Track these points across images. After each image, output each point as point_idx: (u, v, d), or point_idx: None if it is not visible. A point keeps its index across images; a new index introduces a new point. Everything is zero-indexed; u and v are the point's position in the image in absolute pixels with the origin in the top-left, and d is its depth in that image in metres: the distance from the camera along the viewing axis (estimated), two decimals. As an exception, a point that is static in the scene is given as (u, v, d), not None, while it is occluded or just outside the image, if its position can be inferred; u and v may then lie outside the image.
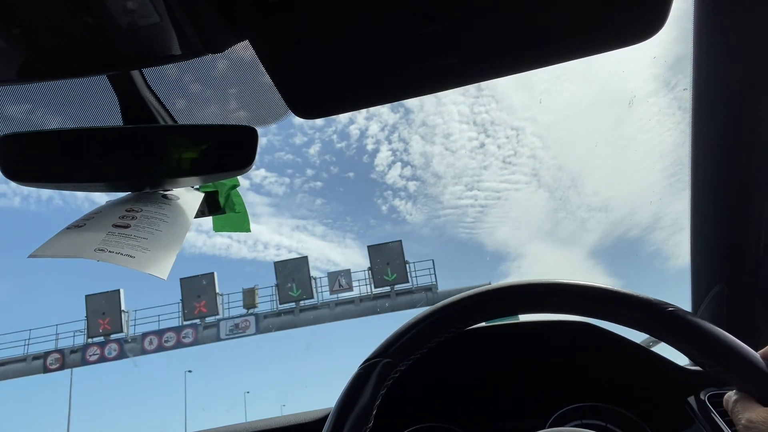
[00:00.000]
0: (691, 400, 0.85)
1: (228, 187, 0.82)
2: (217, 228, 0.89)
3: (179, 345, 16.85)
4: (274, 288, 17.68)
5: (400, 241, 18.45)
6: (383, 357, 0.57)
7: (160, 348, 16.78)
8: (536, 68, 0.55)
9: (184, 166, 0.68)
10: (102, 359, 16.66)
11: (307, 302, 17.50)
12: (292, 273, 17.60)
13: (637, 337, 0.80)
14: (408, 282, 17.56)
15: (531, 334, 0.92)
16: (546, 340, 0.92)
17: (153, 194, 0.72)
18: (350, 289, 17.74)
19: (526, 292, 0.58)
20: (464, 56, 0.53)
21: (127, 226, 0.64)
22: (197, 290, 16.71)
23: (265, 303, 17.57)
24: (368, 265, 17.85)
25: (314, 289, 17.65)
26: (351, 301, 17.62)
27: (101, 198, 0.74)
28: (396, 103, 0.64)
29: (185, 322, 17.12)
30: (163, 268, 0.61)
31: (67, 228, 0.64)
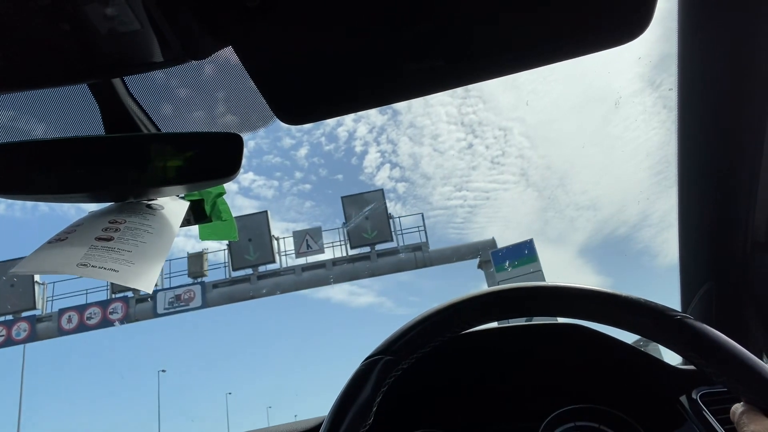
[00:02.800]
0: (683, 399, 0.86)
1: (214, 195, 0.81)
2: (204, 236, 0.88)
3: (105, 323, 14.08)
4: (226, 251, 14.47)
5: (382, 190, 15.24)
6: (385, 354, 0.59)
7: (82, 327, 13.94)
8: (522, 71, 0.56)
9: (168, 175, 0.67)
10: (9, 342, 13.93)
11: (268, 268, 14.38)
12: (249, 232, 14.06)
13: (626, 337, 0.80)
14: (392, 240, 14.40)
15: (521, 337, 0.92)
16: (536, 343, 0.92)
17: (137, 204, 0.71)
18: (321, 251, 14.44)
19: (533, 295, 0.59)
20: (450, 59, 0.53)
21: (110, 239, 0.63)
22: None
23: (219, 271, 14.63)
24: (343, 220, 14.65)
25: (276, 252, 14.35)
26: (322, 264, 14.39)
27: (87, 205, 0.73)
28: (383, 105, 0.63)
29: (115, 295, 14.25)
30: (148, 280, 0.60)
31: (49, 242, 0.63)
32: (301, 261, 14.49)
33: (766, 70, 0.76)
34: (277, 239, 14.44)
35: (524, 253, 13.97)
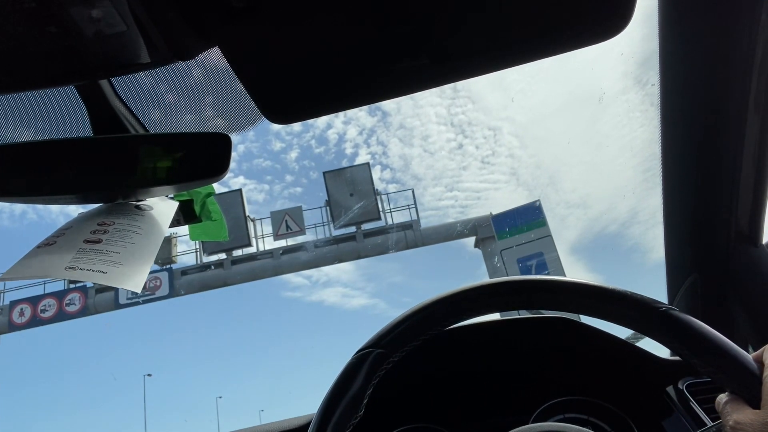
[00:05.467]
0: (670, 390, 0.88)
1: (203, 195, 0.82)
2: (194, 237, 0.89)
3: (62, 316, 12.85)
4: (195, 234, 13.61)
5: (368, 164, 14.03)
6: (376, 347, 0.60)
7: (35, 320, 12.81)
8: (506, 68, 0.57)
9: (156, 176, 0.68)
10: (-46, 339, 12.97)
11: (244, 252, 13.16)
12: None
13: (615, 329, 0.81)
14: (380, 219, 13.13)
15: (509, 330, 0.93)
16: (525, 336, 0.93)
17: (125, 205, 0.72)
18: (302, 232, 13.09)
19: (521, 288, 0.60)
20: (436, 57, 0.54)
21: (98, 241, 0.64)
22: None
23: (189, 256, 13.44)
24: (326, 198, 13.11)
25: (252, 235, 13.10)
26: (303, 247, 13.17)
27: (76, 211, 0.73)
28: (373, 106, 0.65)
29: (72, 285, 12.92)
30: (137, 281, 0.61)
31: (38, 247, 0.63)
32: (281, 244, 13.30)
33: (745, 65, 0.78)
34: (253, 220, 13.33)
35: (531, 217, 12.73)
